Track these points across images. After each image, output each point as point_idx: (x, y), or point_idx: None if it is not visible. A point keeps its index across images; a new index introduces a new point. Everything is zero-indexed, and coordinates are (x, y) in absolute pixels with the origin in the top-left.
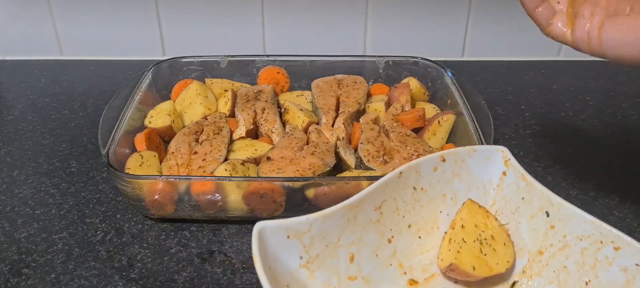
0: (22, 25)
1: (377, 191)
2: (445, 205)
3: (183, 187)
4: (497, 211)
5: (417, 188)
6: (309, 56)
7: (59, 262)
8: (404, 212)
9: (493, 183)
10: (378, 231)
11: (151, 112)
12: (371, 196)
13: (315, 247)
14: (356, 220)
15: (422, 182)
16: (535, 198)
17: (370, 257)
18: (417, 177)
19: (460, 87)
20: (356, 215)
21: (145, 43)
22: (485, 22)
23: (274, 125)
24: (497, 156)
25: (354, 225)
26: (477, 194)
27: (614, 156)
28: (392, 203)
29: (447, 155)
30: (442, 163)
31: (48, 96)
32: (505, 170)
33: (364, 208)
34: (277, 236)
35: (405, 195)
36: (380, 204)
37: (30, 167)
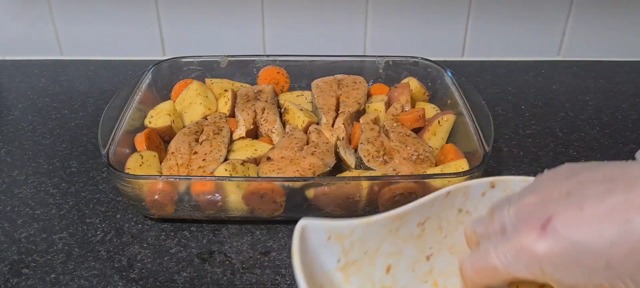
0: (22, 25)
1: (423, 207)
2: None
3: (183, 187)
4: None
5: (463, 211)
6: (309, 56)
7: (59, 262)
8: (447, 232)
9: None
10: (418, 246)
11: (151, 112)
12: (416, 211)
13: (354, 252)
14: (398, 232)
15: (469, 205)
16: None
17: (407, 271)
18: (464, 199)
19: (460, 87)
20: (399, 228)
21: (145, 43)
22: (485, 22)
23: (274, 125)
24: None
25: (395, 237)
26: None
27: (613, 156)
28: (436, 221)
29: (497, 182)
30: (491, 190)
31: (48, 96)
32: None
33: (407, 222)
34: (319, 235)
35: (449, 216)
36: (424, 220)
37: (30, 167)
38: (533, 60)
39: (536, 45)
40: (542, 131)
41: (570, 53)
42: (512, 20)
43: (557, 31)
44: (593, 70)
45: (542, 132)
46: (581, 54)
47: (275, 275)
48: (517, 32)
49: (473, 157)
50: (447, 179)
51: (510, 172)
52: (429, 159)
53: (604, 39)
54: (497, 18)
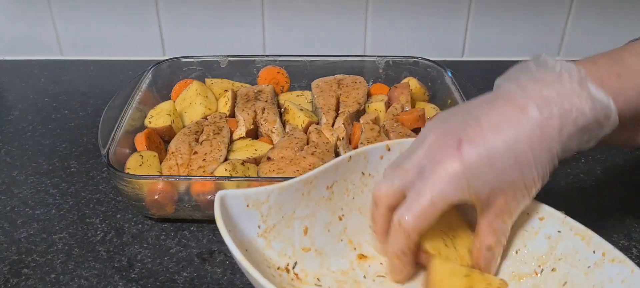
0: (22, 25)
1: (329, 171)
2: None
3: (183, 187)
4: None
5: (365, 174)
6: (309, 56)
7: (59, 262)
8: (353, 193)
9: None
10: (330, 208)
11: (151, 112)
12: (323, 174)
13: (272, 217)
14: (310, 196)
15: (370, 168)
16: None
17: (323, 232)
18: (365, 163)
19: (460, 87)
20: (310, 191)
21: (145, 43)
22: (485, 22)
23: (274, 125)
24: None
25: (308, 200)
26: None
27: (614, 156)
28: (343, 185)
29: (392, 145)
30: (388, 153)
31: (48, 96)
32: None
33: (317, 185)
34: (238, 204)
35: (354, 179)
36: (331, 184)
37: (30, 167)
38: None
39: (536, 45)
40: None
41: (570, 53)
42: (512, 20)
43: (557, 31)
44: None
45: None
46: (581, 54)
47: None
48: (517, 32)
49: None
50: None
51: None
52: None
53: (604, 38)
54: (497, 18)
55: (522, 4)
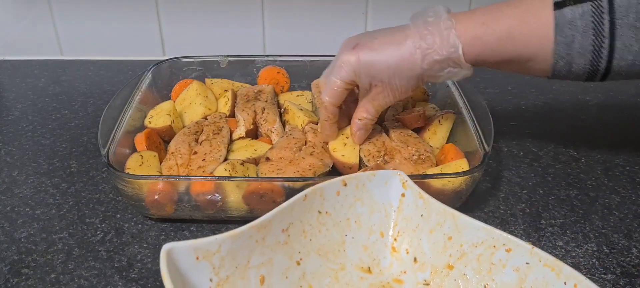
0: (22, 25)
1: (284, 213)
2: (350, 228)
3: (183, 187)
4: (399, 231)
5: (322, 212)
6: (309, 56)
7: (59, 262)
8: (311, 235)
9: (393, 206)
10: (287, 253)
11: (151, 112)
12: (278, 217)
13: (225, 269)
14: (265, 242)
15: (326, 205)
16: (433, 213)
17: (281, 279)
18: (321, 200)
19: (460, 87)
20: (265, 237)
21: (145, 43)
22: None
23: (273, 125)
24: (395, 179)
25: (263, 247)
26: (379, 216)
27: (614, 156)
28: (299, 226)
29: (348, 180)
30: (344, 188)
31: (48, 96)
32: (403, 192)
33: (272, 230)
34: (187, 257)
35: (311, 219)
36: (287, 226)
37: (30, 167)
38: None
39: None
40: (542, 131)
41: None
42: None
43: None
44: None
45: (542, 132)
46: None
47: None
48: None
49: (473, 157)
50: (447, 179)
51: (510, 172)
52: (429, 159)
53: None
54: None
55: None
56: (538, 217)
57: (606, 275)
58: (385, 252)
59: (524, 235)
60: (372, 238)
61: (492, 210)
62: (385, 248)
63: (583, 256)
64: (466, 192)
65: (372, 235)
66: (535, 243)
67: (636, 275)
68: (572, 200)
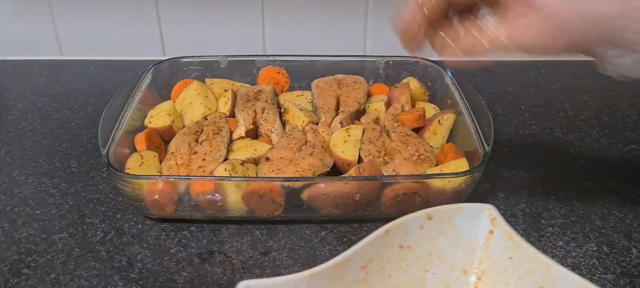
0: (22, 25)
1: (364, 250)
2: (431, 264)
3: (183, 187)
4: (484, 271)
5: (403, 247)
6: (309, 56)
7: (59, 262)
8: (390, 271)
9: (480, 243)
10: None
11: (151, 112)
12: (357, 255)
13: None
14: (342, 280)
15: (408, 240)
16: (523, 259)
17: None
18: (403, 235)
19: (460, 87)
20: (342, 275)
21: (145, 43)
22: None
23: (273, 125)
24: (484, 214)
25: (340, 285)
26: (463, 253)
27: (614, 156)
28: (378, 262)
29: (433, 213)
30: (428, 222)
31: (48, 96)
32: (492, 229)
33: (349, 268)
34: None
35: (391, 254)
36: (366, 263)
37: (30, 167)
38: (533, 60)
39: None
40: (542, 131)
41: None
42: None
43: None
44: (593, 70)
45: (542, 132)
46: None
47: (275, 275)
48: None
49: (473, 157)
50: (447, 179)
51: (510, 172)
52: (429, 159)
53: None
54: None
55: None
56: (538, 217)
57: (606, 275)
58: None
59: (524, 235)
60: (454, 276)
61: None
62: (467, 287)
63: (583, 256)
64: (466, 191)
65: (455, 272)
66: (535, 244)
67: (636, 275)
68: (572, 200)
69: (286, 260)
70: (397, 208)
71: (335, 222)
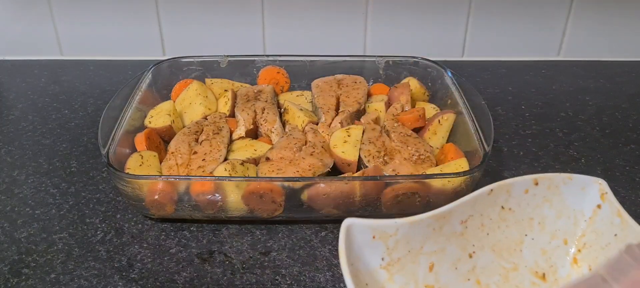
0: (22, 25)
1: (466, 205)
2: (531, 229)
3: (183, 187)
4: (585, 243)
5: (505, 208)
6: (309, 56)
7: (59, 262)
8: (489, 229)
9: (585, 215)
10: (460, 245)
11: (151, 112)
12: (459, 209)
13: (398, 251)
14: (441, 231)
15: (511, 202)
16: (630, 237)
17: (450, 269)
18: (507, 196)
19: (460, 87)
20: (442, 226)
21: (145, 43)
22: (485, 22)
23: (273, 125)
24: (594, 188)
25: (438, 235)
26: (566, 223)
27: (614, 156)
28: (478, 219)
29: (541, 180)
30: (535, 187)
31: (48, 96)
32: (600, 204)
33: (450, 220)
34: (364, 234)
35: (492, 213)
36: (466, 218)
37: (30, 166)
38: (533, 60)
39: (536, 45)
40: (542, 131)
41: (570, 53)
42: (512, 20)
43: (557, 31)
44: (593, 70)
45: (542, 132)
46: (581, 54)
47: (275, 275)
48: (517, 32)
49: (473, 157)
50: (447, 179)
51: (510, 172)
52: (429, 159)
53: (604, 39)
54: (497, 18)
55: (522, 4)
56: None
57: None
58: (565, 261)
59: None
60: (554, 244)
61: None
62: (566, 257)
63: None
64: (466, 192)
65: (555, 240)
66: None
67: None
68: None
69: (286, 260)
70: (397, 208)
71: (335, 222)
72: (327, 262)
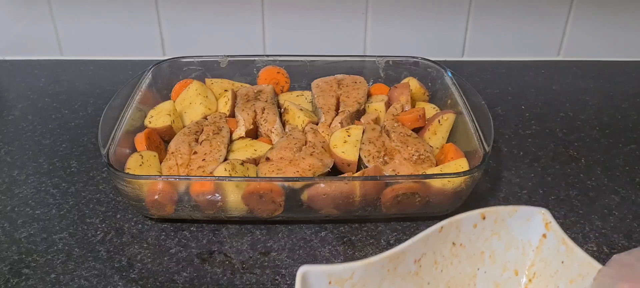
0: (22, 25)
1: (418, 243)
2: (483, 263)
3: (183, 187)
4: (535, 273)
5: (456, 244)
6: (309, 56)
7: (59, 262)
8: (442, 266)
9: (532, 245)
10: (416, 283)
11: (151, 112)
12: (412, 248)
13: None
14: (396, 271)
15: (462, 238)
16: (575, 264)
17: None
18: (457, 232)
19: (460, 87)
20: (396, 266)
21: (145, 43)
22: (485, 22)
23: (273, 125)
24: (538, 218)
25: (394, 276)
26: (515, 254)
27: (614, 156)
28: (431, 257)
29: (488, 213)
30: (482, 221)
31: (48, 96)
32: (545, 233)
33: (404, 260)
34: (320, 281)
35: (444, 250)
36: (420, 257)
37: (30, 167)
38: (533, 60)
39: (536, 45)
40: (542, 131)
41: (570, 53)
42: (512, 20)
43: (557, 31)
44: (593, 70)
45: (542, 132)
46: (581, 54)
47: (275, 275)
48: (517, 32)
49: (473, 157)
50: (447, 179)
51: (510, 172)
52: (429, 159)
53: (604, 39)
54: (497, 18)
55: (522, 4)
56: None
57: None
58: None
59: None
60: (505, 276)
61: None
62: (518, 287)
63: None
64: (466, 192)
65: (506, 272)
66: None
67: None
68: (572, 200)
69: (286, 260)
70: (397, 209)
71: (335, 222)
72: (327, 262)
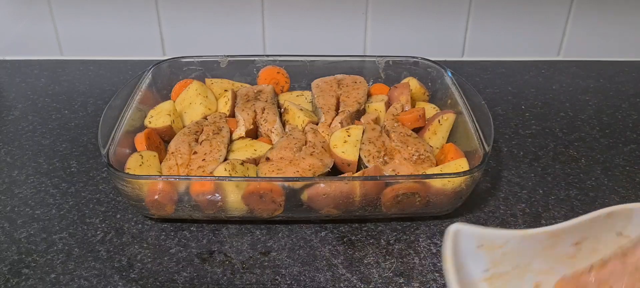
0: (22, 25)
1: (581, 226)
2: None
3: (183, 187)
4: None
5: (622, 235)
6: (309, 56)
7: (59, 262)
8: (602, 255)
9: None
10: (571, 267)
11: (151, 112)
12: (574, 229)
13: (504, 265)
14: (553, 250)
15: (630, 229)
16: None
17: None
18: (625, 222)
19: (460, 87)
20: (554, 245)
21: (145, 43)
22: (485, 22)
23: (273, 125)
24: None
25: (548, 254)
26: None
27: (614, 156)
28: (592, 243)
29: None
30: None
31: (48, 96)
32: None
33: (563, 240)
34: (469, 243)
35: (607, 238)
36: (580, 240)
37: (30, 167)
38: (533, 60)
39: (536, 45)
40: (542, 131)
41: (570, 53)
42: (512, 20)
43: (557, 31)
44: (593, 70)
45: (542, 132)
46: (581, 54)
47: (275, 275)
48: (517, 32)
49: (473, 157)
50: (447, 179)
51: (510, 172)
52: (429, 159)
53: (604, 39)
54: (497, 18)
55: (522, 4)
56: (538, 217)
57: None
58: None
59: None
60: None
61: (492, 210)
62: None
63: None
64: (466, 192)
65: None
66: None
67: None
68: (572, 200)
69: (286, 260)
70: (397, 208)
71: (335, 222)
72: (326, 262)
